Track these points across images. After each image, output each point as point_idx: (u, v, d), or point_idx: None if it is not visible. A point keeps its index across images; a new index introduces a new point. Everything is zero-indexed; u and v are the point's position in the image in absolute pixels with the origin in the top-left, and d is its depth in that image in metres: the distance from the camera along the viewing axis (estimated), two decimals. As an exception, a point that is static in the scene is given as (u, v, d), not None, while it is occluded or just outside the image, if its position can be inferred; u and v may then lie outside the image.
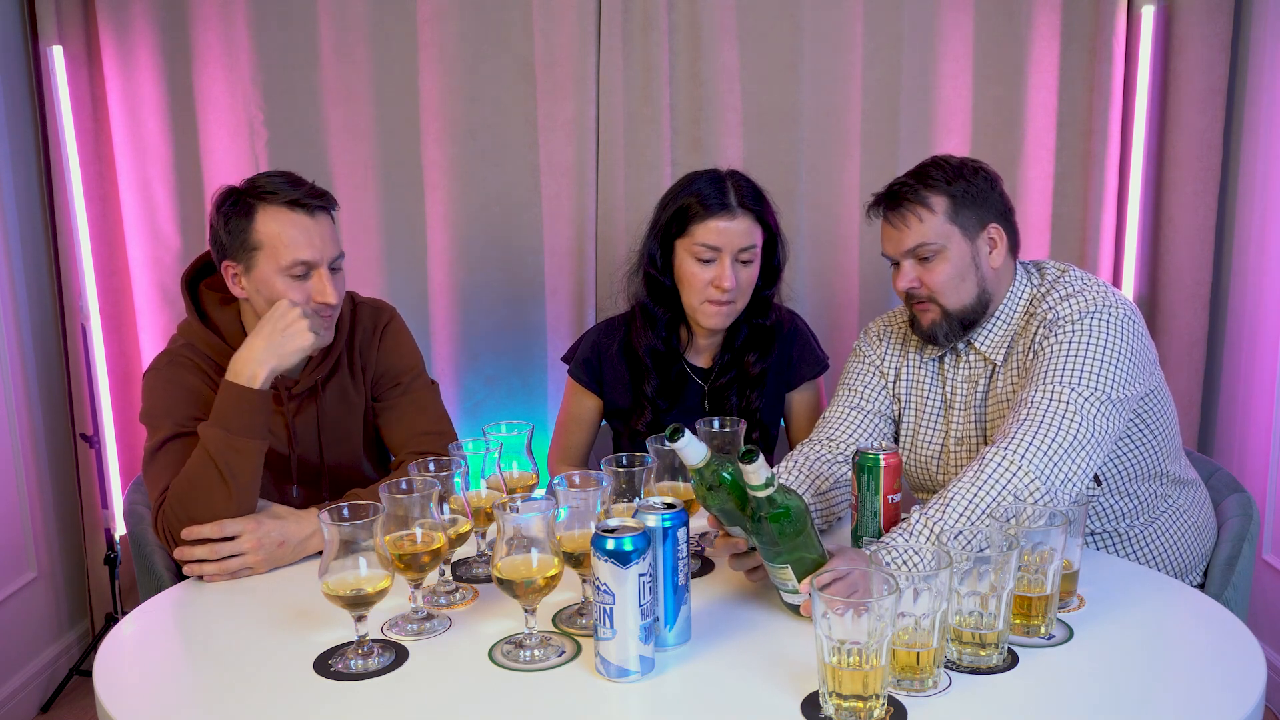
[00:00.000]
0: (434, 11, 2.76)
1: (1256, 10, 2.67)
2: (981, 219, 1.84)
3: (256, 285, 1.84)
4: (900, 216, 1.84)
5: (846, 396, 2.00)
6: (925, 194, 1.82)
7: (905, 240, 1.84)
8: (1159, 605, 1.56)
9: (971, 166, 1.86)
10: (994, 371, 1.89)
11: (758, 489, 1.39)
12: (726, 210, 2.02)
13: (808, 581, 1.41)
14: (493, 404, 2.98)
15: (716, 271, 2.02)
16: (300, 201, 1.83)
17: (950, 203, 1.82)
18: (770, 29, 2.79)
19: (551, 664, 1.39)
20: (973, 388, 1.91)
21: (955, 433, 1.92)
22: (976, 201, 1.83)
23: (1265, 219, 2.65)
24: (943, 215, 1.82)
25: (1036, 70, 2.80)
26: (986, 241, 1.84)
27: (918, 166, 1.88)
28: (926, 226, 1.81)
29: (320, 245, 1.83)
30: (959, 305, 1.85)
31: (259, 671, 1.42)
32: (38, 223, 2.87)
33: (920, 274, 1.84)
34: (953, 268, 1.82)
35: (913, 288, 1.86)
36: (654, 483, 1.61)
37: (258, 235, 1.81)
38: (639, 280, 2.16)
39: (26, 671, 2.79)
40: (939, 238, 1.82)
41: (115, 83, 2.77)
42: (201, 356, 1.90)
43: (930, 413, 1.96)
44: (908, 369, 1.99)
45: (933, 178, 1.83)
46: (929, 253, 1.82)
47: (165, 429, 1.82)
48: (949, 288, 1.83)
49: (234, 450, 1.73)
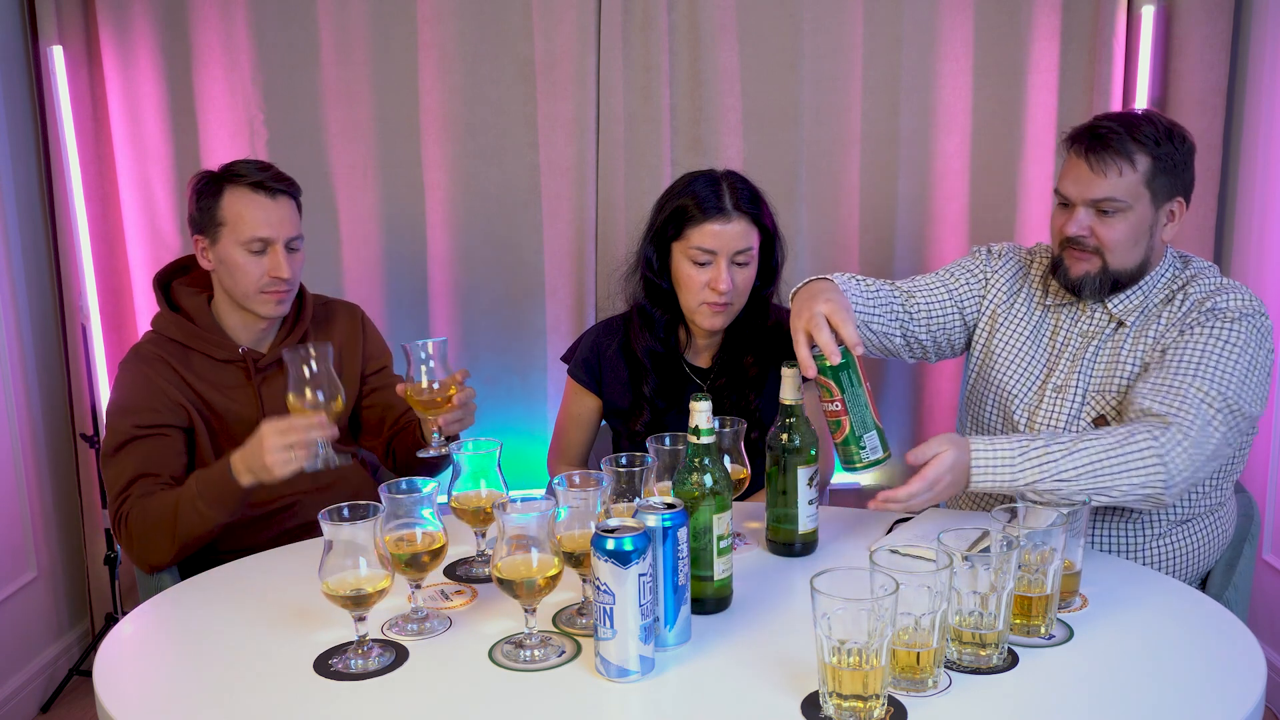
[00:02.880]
0: (434, 11, 2.76)
1: (1256, 10, 2.67)
2: (1172, 189, 1.79)
3: (220, 257, 2.01)
4: (1101, 161, 1.75)
5: (941, 278, 2.00)
6: (1132, 148, 1.75)
7: (1096, 188, 1.77)
8: (1159, 605, 1.56)
9: (1180, 133, 1.79)
10: (1115, 331, 1.86)
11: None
12: (722, 213, 2.02)
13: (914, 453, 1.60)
14: (493, 404, 2.98)
15: (712, 274, 2.02)
16: (263, 184, 2.00)
17: (1152, 164, 1.76)
18: (770, 29, 2.79)
19: (551, 664, 1.39)
20: (1086, 341, 1.88)
21: (1056, 380, 1.88)
22: (1174, 170, 1.78)
23: (1265, 219, 2.65)
24: (1141, 175, 1.76)
25: (1036, 70, 2.80)
26: (1167, 213, 1.80)
27: (1126, 114, 1.82)
28: (1124, 181, 1.75)
29: (277, 225, 2.00)
30: (1121, 266, 1.81)
31: (259, 671, 1.42)
32: (38, 223, 2.87)
33: (1095, 225, 1.78)
34: (1131, 229, 1.78)
35: (1082, 235, 1.80)
36: (654, 483, 1.61)
37: (223, 212, 1.99)
38: (637, 282, 2.16)
39: (26, 671, 2.79)
40: (1130, 197, 1.76)
41: (115, 83, 2.77)
42: (169, 344, 2.04)
43: (1029, 353, 1.92)
44: (1020, 302, 1.96)
45: (1143, 133, 1.75)
46: (1114, 208, 1.77)
47: (124, 432, 1.95)
48: (1121, 247, 1.79)
49: (195, 512, 1.86)
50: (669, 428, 1.99)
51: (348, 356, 2.18)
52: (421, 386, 1.82)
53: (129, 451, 1.94)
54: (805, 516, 1.72)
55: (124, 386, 2.00)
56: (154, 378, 2.00)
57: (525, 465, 2.92)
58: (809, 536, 1.74)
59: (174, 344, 2.04)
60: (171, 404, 1.98)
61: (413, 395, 1.83)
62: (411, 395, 1.83)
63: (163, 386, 1.99)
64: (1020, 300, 1.97)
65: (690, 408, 1.51)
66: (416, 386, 1.82)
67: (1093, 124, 1.80)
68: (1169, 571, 1.90)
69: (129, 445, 1.94)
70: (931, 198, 2.90)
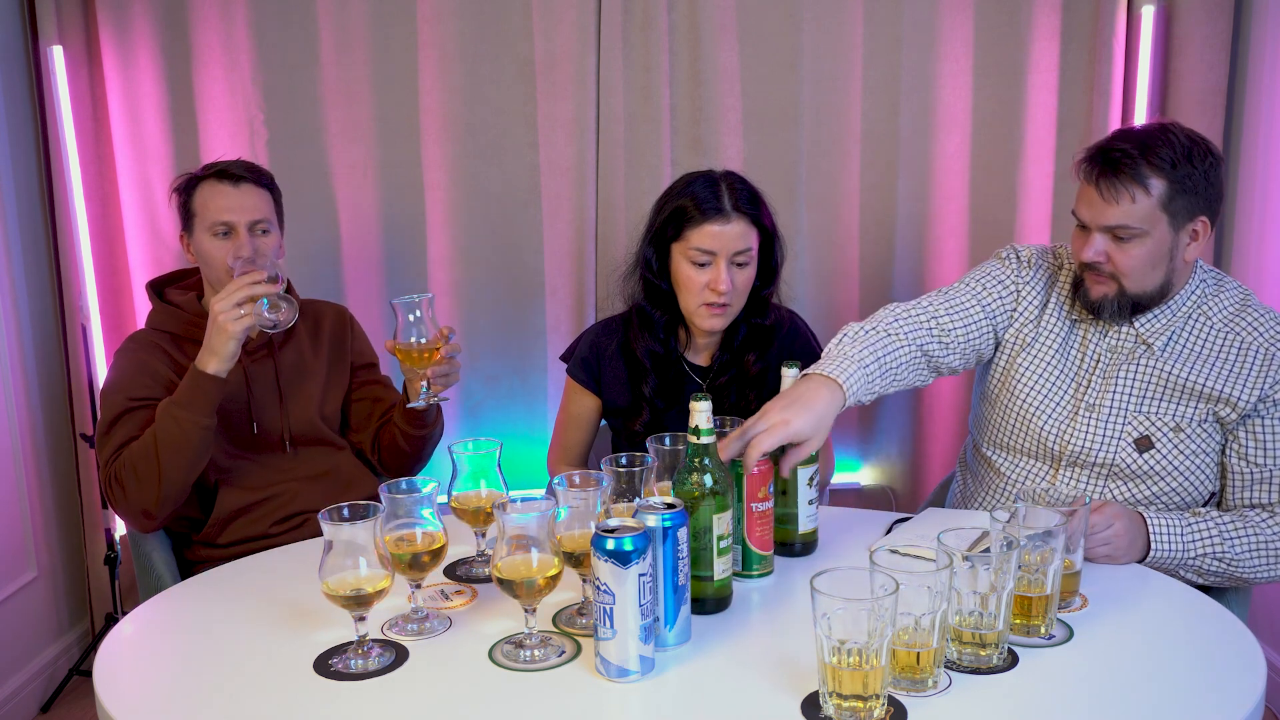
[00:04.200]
0: (434, 11, 2.76)
1: (1256, 10, 2.67)
2: (1193, 209, 1.72)
3: (196, 248, 2.11)
4: (1113, 189, 1.69)
5: (973, 289, 1.90)
6: (1146, 172, 1.68)
7: (1109, 216, 1.71)
8: (1159, 605, 1.56)
9: (1201, 150, 1.71)
10: (1146, 352, 1.82)
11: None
12: (721, 214, 2.01)
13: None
14: (493, 404, 2.98)
15: (712, 275, 2.02)
16: (227, 172, 2.09)
17: (1168, 187, 1.68)
18: (770, 28, 2.79)
19: (551, 664, 1.39)
20: (1116, 359, 1.84)
21: (1090, 399, 1.84)
22: (1196, 190, 1.70)
23: (1265, 219, 2.65)
24: (1156, 200, 1.69)
25: (1036, 70, 2.80)
26: (1189, 233, 1.74)
27: (1144, 132, 1.73)
28: (1138, 208, 1.69)
29: (238, 210, 2.07)
30: (1139, 290, 1.76)
31: (259, 671, 1.42)
32: (38, 223, 2.87)
33: (1111, 250, 1.74)
34: (1148, 254, 1.72)
35: (1098, 261, 1.75)
36: (654, 483, 1.61)
37: (194, 205, 2.10)
38: (636, 283, 2.16)
39: (26, 671, 2.79)
40: (1145, 223, 1.70)
41: (115, 83, 2.77)
42: (162, 335, 2.12)
43: (1057, 370, 1.87)
44: (1048, 314, 1.89)
45: (1159, 155, 1.68)
46: (1128, 234, 1.71)
47: (117, 405, 2.01)
48: (1138, 272, 1.74)
49: (171, 419, 1.92)
50: (669, 428, 1.99)
51: (337, 352, 2.25)
52: (410, 341, 1.89)
53: (122, 423, 2.00)
54: (805, 516, 1.72)
55: (117, 369, 2.08)
56: (147, 359, 2.07)
57: (525, 465, 2.93)
58: (809, 536, 1.74)
59: (166, 334, 2.12)
60: (164, 381, 2.04)
61: (401, 348, 1.90)
62: (400, 349, 1.90)
63: (155, 366, 2.06)
64: (1049, 313, 1.90)
65: (690, 408, 1.51)
66: (405, 341, 1.89)
67: (1106, 145, 1.74)
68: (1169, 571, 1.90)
69: (122, 417, 2.01)
70: (931, 198, 2.90)
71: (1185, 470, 1.80)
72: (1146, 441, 1.81)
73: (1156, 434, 1.81)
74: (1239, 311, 1.82)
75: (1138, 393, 1.82)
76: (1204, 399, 1.79)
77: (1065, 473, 1.87)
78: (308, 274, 2.82)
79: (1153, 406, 1.82)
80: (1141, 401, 1.82)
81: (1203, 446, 1.80)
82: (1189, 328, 1.82)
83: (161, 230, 2.83)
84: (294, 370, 2.17)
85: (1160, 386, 1.81)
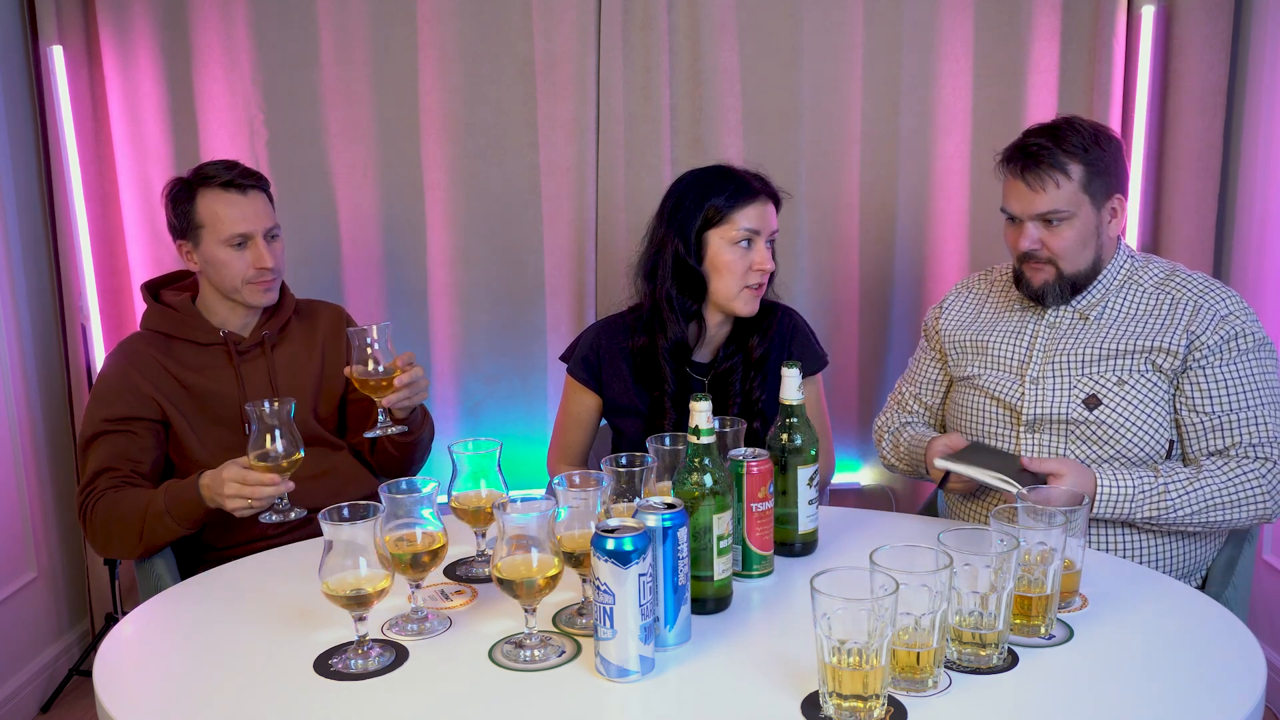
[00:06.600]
0: (434, 11, 2.76)
1: (1256, 10, 2.67)
2: (1109, 189, 1.89)
3: (205, 258, 2.10)
4: (1037, 179, 1.85)
5: (927, 370, 2.15)
6: (1063, 159, 1.85)
7: (1037, 204, 1.87)
8: (1159, 605, 1.56)
9: (1105, 135, 1.89)
10: (1083, 323, 1.95)
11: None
12: (758, 196, 2.08)
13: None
14: (493, 404, 2.98)
15: (756, 255, 2.06)
16: (233, 182, 2.08)
17: (1085, 170, 1.85)
18: (770, 29, 2.79)
19: (551, 664, 1.39)
20: (1054, 333, 1.97)
21: (1031, 373, 1.96)
22: (1107, 170, 1.87)
23: (1265, 219, 2.65)
24: (1077, 183, 1.85)
25: (1036, 70, 2.80)
26: (1109, 211, 1.90)
27: (1051, 126, 1.89)
28: (1063, 192, 1.85)
29: (254, 219, 2.08)
30: (1075, 270, 1.91)
31: (259, 671, 1.42)
32: (38, 223, 2.87)
33: (1045, 237, 1.89)
34: (1077, 234, 1.88)
35: (1035, 249, 1.90)
36: (654, 483, 1.61)
37: (200, 215, 2.08)
38: (665, 275, 2.12)
39: (26, 671, 2.79)
40: (1071, 205, 1.86)
41: (115, 83, 2.77)
42: (155, 336, 2.12)
43: (1005, 353, 2.01)
44: (986, 312, 2.08)
45: (1071, 143, 1.85)
46: (1058, 218, 1.86)
47: (95, 424, 2.03)
48: (1071, 253, 1.89)
49: (163, 524, 1.92)
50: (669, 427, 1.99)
51: (332, 350, 2.24)
52: (366, 369, 1.94)
53: (96, 446, 2.02)
54: (805, 516, 1.72)
55: (103, 376, 2.09)
56: (130, 371, 2.07)
57: (525, 465, 2.93)
58: (809, 536, 1.74)
59: (159, 335, 2.12)
60: (143, 398, 2.04)
61: (358, 378, 1.95)
62: (356, 378, 1.95)
63: (136, 381, 2.05)
64: (986, 311, 2.09)
65: (690, 408, 1.51)
66: (362, 370, 1.95)
67: (1022, 142, 1.89)
68: (1169, 571, 1.90)
69: (97, 440, 2.02)
70: (931, 198, 2.90)
71: (1136, 421, 1.88)
72: (1094, 400, 1.90)
73: (1102, 391, 1.90)
74: (1168, 275, 1.95)
75: (1079, 359, 1.92)
76: (1140, 352, 1.89)
77: (1028, 436, 1.95)
78: (308, 274, 2.83)
79: (1093, 369, 1.92)
80: (1084, 365, 1.92)
81: (1149, 395, 1.88)
82: (1122, 295, 1.95)
83: (161, 230, 2.82)
84: (288, 370, 2.17)
85: (1098, 350, 1.91)
